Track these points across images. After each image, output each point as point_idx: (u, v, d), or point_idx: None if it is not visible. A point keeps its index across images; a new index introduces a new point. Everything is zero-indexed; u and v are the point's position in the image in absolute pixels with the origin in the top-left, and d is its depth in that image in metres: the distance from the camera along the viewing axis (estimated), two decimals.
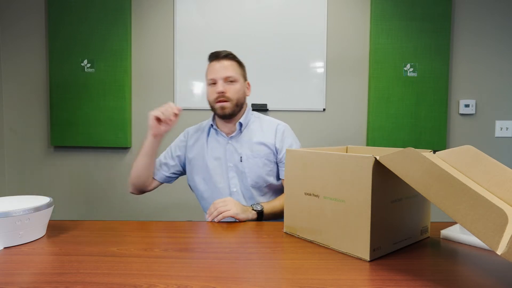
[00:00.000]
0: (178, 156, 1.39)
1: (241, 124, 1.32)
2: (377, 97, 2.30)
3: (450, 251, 0.83)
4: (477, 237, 0.58)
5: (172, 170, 1.39)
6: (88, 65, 2.28)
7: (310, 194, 0.87)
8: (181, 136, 1.42)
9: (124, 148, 2.34)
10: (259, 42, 2.31)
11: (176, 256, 0.78)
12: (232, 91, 1.27)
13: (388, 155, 0.72)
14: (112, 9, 2.26)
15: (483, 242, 0.57)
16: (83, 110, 2.28)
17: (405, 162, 0.68)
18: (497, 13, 2.32)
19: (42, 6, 2.32)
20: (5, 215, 0.80)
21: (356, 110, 2.35)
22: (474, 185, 0.81)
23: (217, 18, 2.31)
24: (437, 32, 2.27)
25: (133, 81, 2.34)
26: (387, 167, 0.72)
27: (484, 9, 2.32)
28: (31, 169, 2.37)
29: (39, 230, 0.88)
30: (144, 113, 2.35)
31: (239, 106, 1.30)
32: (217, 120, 1.35)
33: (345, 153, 0.80)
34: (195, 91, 2.33)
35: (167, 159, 1.39)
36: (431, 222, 0.95)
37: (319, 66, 2.32)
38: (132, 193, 1.38)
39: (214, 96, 1.27)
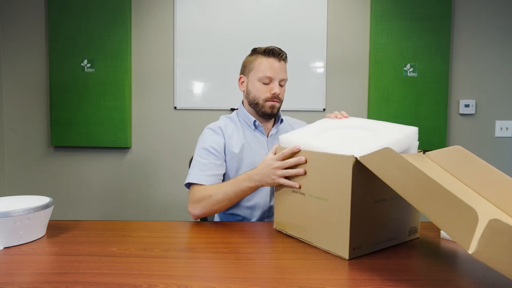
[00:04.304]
0: (219, 153, 1.25)
1: (282, 120, 1.35)
2: (377, 97, 2.30)
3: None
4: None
5: (221, 171, 1.24)
6: (88, 65, 2.28)
7: (297, 192, 0.90)
8: (211, 134, 1.28)
9: (124, 148, 2.34)
10: (259, 42, 2.28)
11: (176, 256, 0.78)
12: (283, 93, 1.29)
13: (368, 155, 0.72)
14: (112, 9, 2.26)
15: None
16: (83, 110, 2.28)
17: (383, 162, 0.69)
18: (497, 13, 2.31)
19: (42, 6, 2.32)
20: (5, 215, 0.80)
21: (356, 110, 2.35)
22: (460, 185, 0.81)
23: (217, 18, 2.30)
24: (437, 32, 2.27)
25: (133, 81, 2.34)
26: (367, 166, 0.72)
27: (484, 9, 2.31)
28: (31, 169, 2.37)
29: (39, 230, 0.88)
30: (144, 113, 2.35)
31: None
32: (256, 118, 1.32)
33: (327, 152, 0.81)
34: (195, 91, 2.33)
35: (214, 160, 1.23)
36: (430, 223, 0.95)
37: (319, 66, 2.32)
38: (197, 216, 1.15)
39: (267, 95, 1.25)
